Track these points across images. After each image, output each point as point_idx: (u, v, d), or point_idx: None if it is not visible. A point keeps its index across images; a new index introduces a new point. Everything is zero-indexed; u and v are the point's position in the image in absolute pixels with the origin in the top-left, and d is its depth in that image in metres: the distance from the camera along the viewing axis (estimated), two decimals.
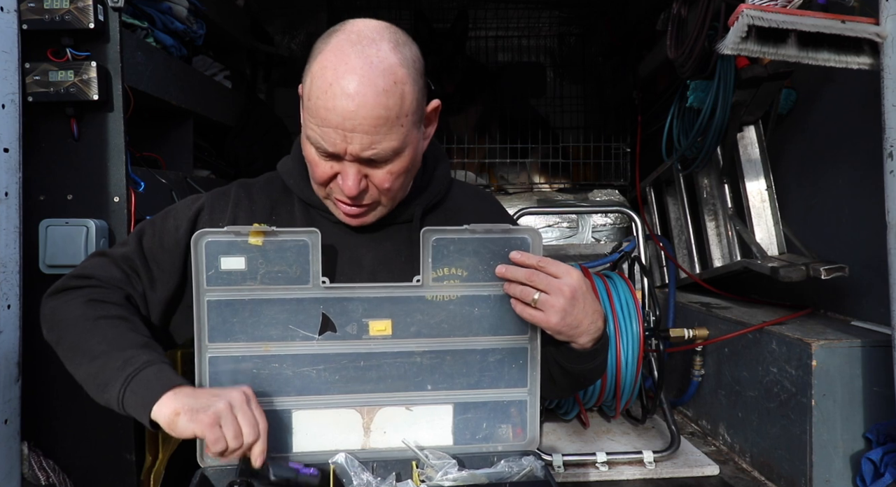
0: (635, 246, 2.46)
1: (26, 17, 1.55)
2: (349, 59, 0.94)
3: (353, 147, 0.96)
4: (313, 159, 1.02)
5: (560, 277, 0.98)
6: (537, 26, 4.24)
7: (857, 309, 1.99)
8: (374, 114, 0.94)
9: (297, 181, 1.14)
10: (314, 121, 0.97)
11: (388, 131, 0.96)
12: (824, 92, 2.11)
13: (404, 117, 0.98)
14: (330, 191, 1.05)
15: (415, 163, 1.06)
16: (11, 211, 1.51)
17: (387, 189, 1.02)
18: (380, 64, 0.95)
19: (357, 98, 0.93)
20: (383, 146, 0.97)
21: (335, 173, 1.01)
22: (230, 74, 2.88)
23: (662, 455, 2.02)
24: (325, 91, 0.94)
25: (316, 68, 0.97)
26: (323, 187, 1.05)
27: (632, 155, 3.50)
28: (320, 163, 1.01)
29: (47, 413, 1.63)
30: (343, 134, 0.95)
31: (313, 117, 0.97)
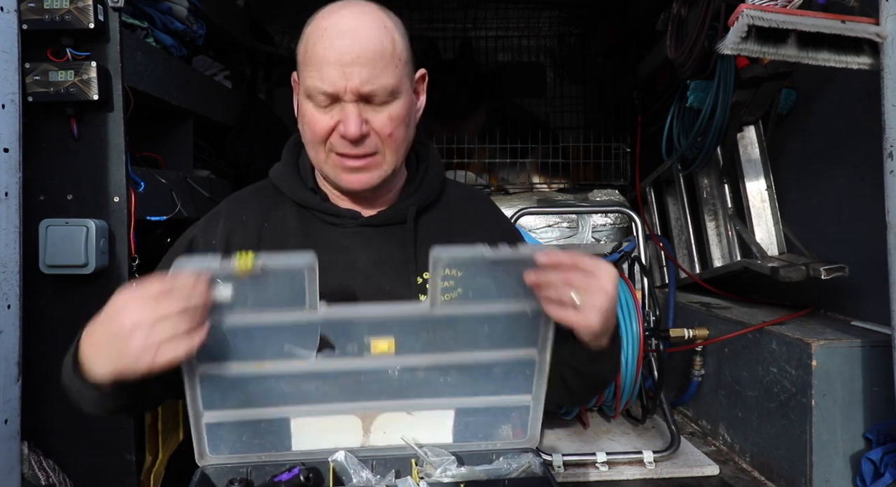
0: (635, 246, 2.46)
1: (26, 17, 1.55)
2: (340, 11, 1.01)
3: (353, 82, 0.97)
4: (312, 116, 1.02)
5: (598, 275, 0.89)
6: (537, 26, 4.24)
7: (857, 309, 1.99)
8: (370, 47, 0.98)
9: (290, 183, 1.13)
10: (313, 66, 0.99)
11: (384, 66, 0.99)
12: (824, 92, 2.11)
13: (398, 60, 1.02)
14: (332, 146, 1.03)
15: (411, 120, 1.07)
16: (11, 211, 1.51)
17: (388, 135, 1.02)
18: (370, 13, 1.02)
19: (353, 33, 0.97)
20: (382, 82, 0.99)
21: (335, 123, 1.01)
22: (230, 74, 2.88)
23: (662, 455, 2.02)
24: (321, 35, 0.99)
25: (309, 30, 1.02)
26: (323, 146, 1.03)
27: (632, 155, 3.50)
28: (319, 118, 1.01)
29: (47, 413, 1.63)
30: (342, 69, 0.97)
31: (311, 64, 0.99)
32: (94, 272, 1.59)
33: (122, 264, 1.65)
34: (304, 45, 1.02)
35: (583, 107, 4.23)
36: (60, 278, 1.62)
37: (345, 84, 0.97)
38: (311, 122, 1.02)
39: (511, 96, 4.26)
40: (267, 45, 3.75)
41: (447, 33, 4.12)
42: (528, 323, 0.98)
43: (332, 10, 1.02)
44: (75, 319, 1.64)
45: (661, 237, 3.08)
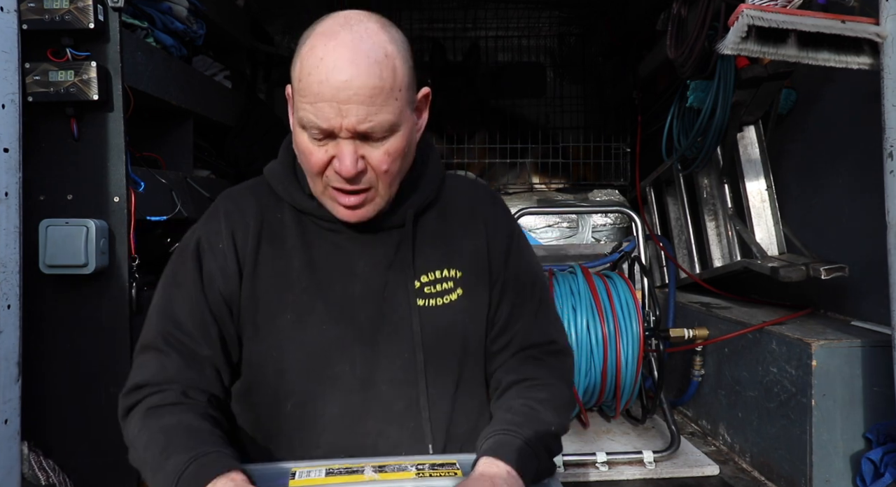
0: (635, 246, 2.46)
1: (26, 17, 1.55)
2: (339, 36, 0.93)
3: (349, 120, 0.92)
4: (307, 147, 0.97)
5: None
6: (537, 26, 4.24)
7: (857, 309, 1.99)
8: (368, 84, 0.92)
9: (286, 187, 1.10)
10: (307, 99, 0.94)
11: (383, 103, 0.93)
12: (824, 92, 2.11)
13: (398, 91, 0.95)
14: (327, 180, 1.00)
15: (410, 149, 1.03)
16: (11, 211, 1.51)
17: (384, 171, 0.98)
18: (369, 39, 0.94)
19: (350, 68, 0.91)
20: (379, 119, 0.94)
21: (330, 158, 0.97)
22: (230, 74, 2.88)
23: (662, 455, 2.02)
24: (316, 66, 0.92)
25: (305, 50, 0.95)
26: (319, 178, 1.00)
27: (632, 155, 3.50)
28: (314, 150, 0.97)
29: (47, 413, 1.63)
30: (338, 107, 0.92)
31: (305, 95, 0.94)
32: (94, 272, 1.59)
33: (122, 264, 1.65)
34: (298, 67, 0.96)
35: (583, 107, 4.23)
36: (60, 278, 1.62)
37: (340, 122, 0.92)
38: (307, 154, 0.98)
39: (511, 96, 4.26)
40: (267, 45, 3.75)
41: (447, 33, 4.13)
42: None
43: (330, 31, 0.94)
44: (75, 319, 1.65)
45: (661, 237, 3.08)
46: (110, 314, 1.65)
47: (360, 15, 0.97)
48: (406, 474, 0.93)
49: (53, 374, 1.64)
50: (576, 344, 2.03)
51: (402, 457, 0.99)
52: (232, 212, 1.10)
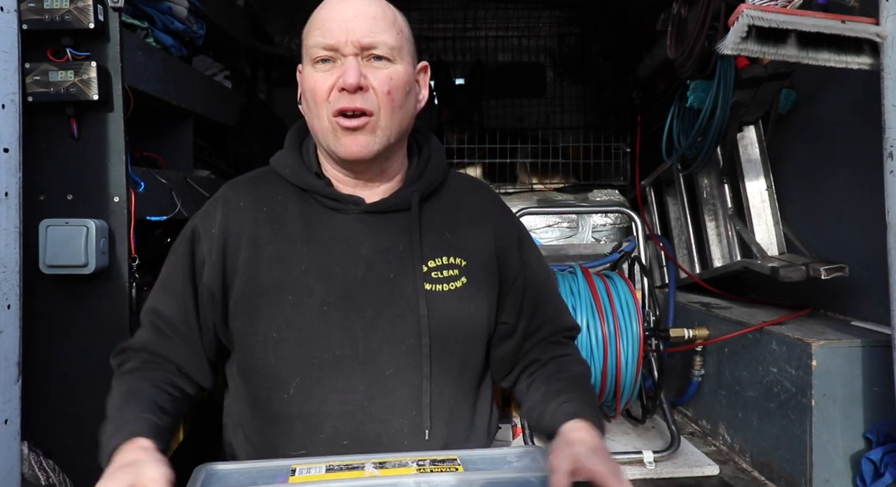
0: (635, 246, 2.46)
1: (26, 17, 1.55)
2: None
3: (354, 34, 1.00)
4: (312, 78, 1.04)
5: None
6: (537, 26, 4.24)
7: (857, 309, 1.99)
8: (372, 9, 1.03)
9: (293, 168, 1.13)
10: (316, 31, 1.03)
11: (385, 27, 1.03)
12: (824, 92, 2.11)
13: (399, 29, 1.06)
14: (331, 106, 1.03)
15: (410, 92, 1.09)
16: (11, 211, 1.51)
17: (386, 92, 1.03)
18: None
19: (356, 1, 1.03)
20: (382, 38, 1.02)
21: (335, 80, 1.02)
22: (230, 74, 2.88)
23: (662, 455, 2.02)
24: (324, 6, 1.05)
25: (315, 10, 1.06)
26: (325, 107, 1.03)
27: (632, 155, 3.50)
28: (320, 77, 1.03)
29: (47, 413, 1.63)
30: (343, 23, 1.01)
31: (314, 26, 1.04)
32: (94, 272, 1.59)
33: (122, 264, 1.65)
34: (309, 22, 1.06)
35: (583, 107, 4.23)
36: (60, 278, 1.62)
37: (346, 36, 1.00)
38: (313, 84, 1.04)
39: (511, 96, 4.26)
40: (267, 45, 3.75)
41: (447, 33, 4.12)
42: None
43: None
44: (75, 319, 1.65)
45: (661, 237, 3.08)
46: (110, 314, 1.65)
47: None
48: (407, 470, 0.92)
49: (53, 374, 1.64)
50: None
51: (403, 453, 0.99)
52: (230, 199, 1.13)
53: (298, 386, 1.05)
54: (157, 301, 1.13)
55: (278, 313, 1.05)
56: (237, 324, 1.08)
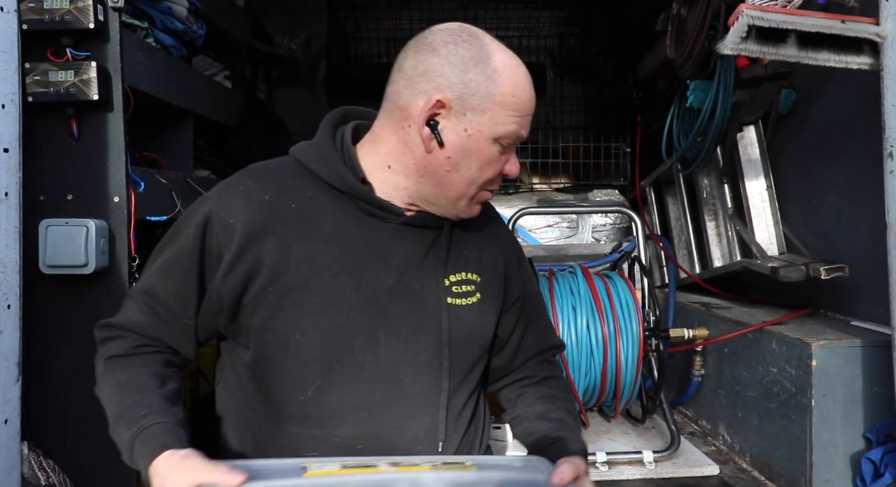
0: (635, 246, 2.46)
1: (26, 17, 1.55)
2: (511, 54, 1.05)
3: (527, 130, 1.06)
4: (495, 156, 1.05)
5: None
6: (537, 26, 4.24)
7: (857, 309, 1.99)
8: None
9: (333, 168, 1.07)
10: (517, 113, 1.03)
11: None
12: (824, 92, 2.11)
13: None
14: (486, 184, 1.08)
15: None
16: (11, 211, 1.51)
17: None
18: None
19: (531, 87, 1.05)
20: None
21: (503, 165, 1.07)
22: (230, 74, 2.88)
23: (662, 455, 2.02)
24: (515, 84, 1.02)
25: (502, 67, 1.02)
26: (476, 184, 1.07)
27: (632, 155, 3.50)
28: (498, 159, 1.06)
29: (47, 413, 1.63)
30: (528, 119, 1.05)
31: (516, 110, 1.02)
32: (94, 272, 1.59)
33: (122, 264, 1.65)
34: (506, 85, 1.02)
35: (583, 107, 4.23)
36: (60, 278, 1.62)
37: (525, 131, 1.05)
38: (490, 163, 1.05)
39: None
40: (267, 45, 3.75)
41: None
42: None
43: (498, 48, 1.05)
44: (75, 319, 1.65)
45: (661, 237, 3.08)
46: (110, 314, 1.62)
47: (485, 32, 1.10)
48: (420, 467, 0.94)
49: (53, 374, 1.64)
50: (576, 344, 2.03)
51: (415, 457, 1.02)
52: (253, 191, 1.07)
53: (317, 389, 1.05)
54: (155, 283, 1.08)
55: (304, 314, 1.04)
56: (254, 321, 1.05)
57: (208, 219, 1.05)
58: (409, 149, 1.05)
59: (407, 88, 1.03)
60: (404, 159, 1.06)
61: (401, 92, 1.04)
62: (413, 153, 1.05)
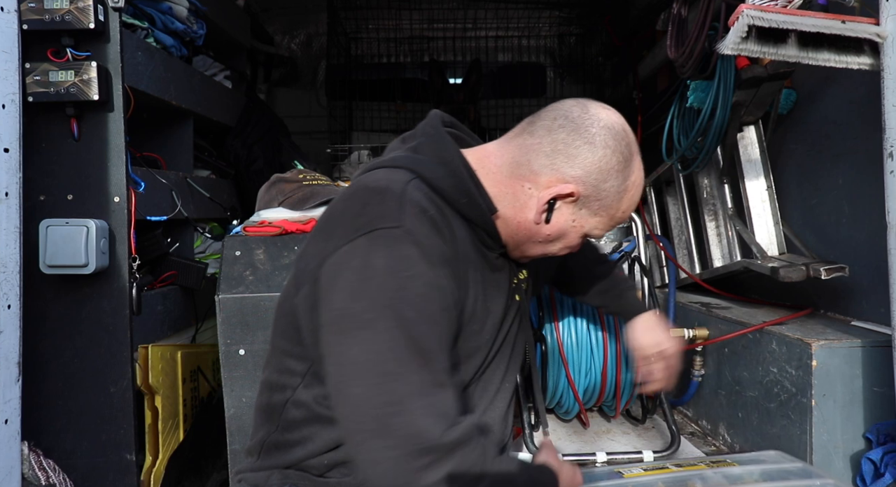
0: (635, 246, 2.46)
1: (26, 17, 1.55)
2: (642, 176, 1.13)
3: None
4: (576, 244, 1.15)
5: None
6: (537, 26, 4.24)
7: (857, 309, 1.99)
8: None
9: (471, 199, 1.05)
10: (613, 221, 1.12)
11: None
12: (824, 92, 2.11)
13: None
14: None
15: None
16: (11, 211, 1.51)
17: None
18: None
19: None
20: None
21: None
22: (230, 74, 2.88)
23: (662, 455, 2.02)
24: (632, 205, 1.12)
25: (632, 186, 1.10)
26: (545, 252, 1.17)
27: None
28: (577, 241, 1.15)
29: (47, 413, 1.63)
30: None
31: (614, 218, 1.11)
32: (94, 272, 1.59)
33: (122, 264, 1.65)
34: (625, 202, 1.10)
35: None
36: (60, 278, 1.62)
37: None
38: (568, 245, 1.15)
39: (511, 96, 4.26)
40: (267, 45, 3.75)
41: (447, 33, 4.13)
42: None
43: (640, 162, 1.11)
44: (75, 319, 1.65)
45: (661, 237, 3.08)
46: (110, 314, 1.66)
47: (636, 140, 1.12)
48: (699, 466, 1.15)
49: (53, 374, 1.64)
50: (576, 344, 2.03)
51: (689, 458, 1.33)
52: (434, 217, 1.00)
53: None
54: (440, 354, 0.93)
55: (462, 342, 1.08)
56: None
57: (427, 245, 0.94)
58: (520, 206, 1.09)
59: (548, 158, 1.05)
60: (509, 212, 1.10)
61: (539, 154, 1.06)
62: (520, 212, 1.10)
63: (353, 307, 0.88)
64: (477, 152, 1.12)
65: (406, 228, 0.92)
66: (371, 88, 4.14)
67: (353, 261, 0.90)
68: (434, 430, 0.84)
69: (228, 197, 2.66)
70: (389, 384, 0.85)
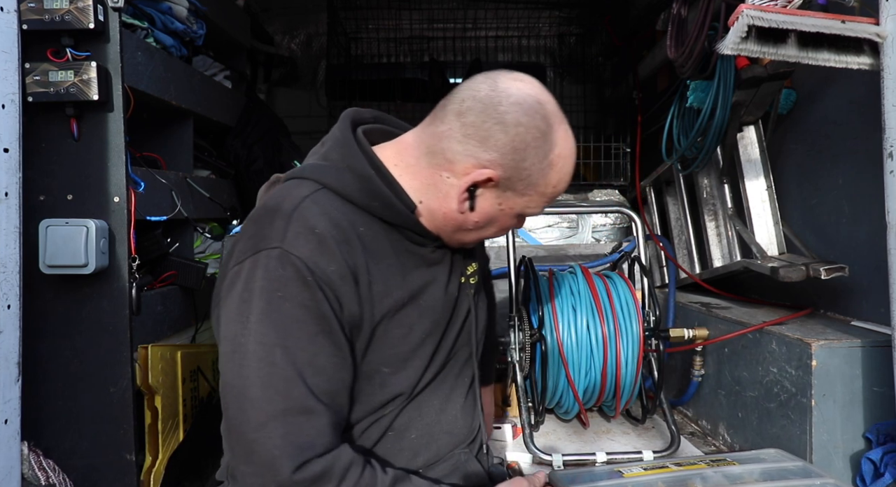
0: (635, 247, 2.46)
1: (26, 17, 1.55)
2: (570, 147, 1.09)
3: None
4: (511, 224, 1.10)
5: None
6: (537, 26, 4.24)
7: (857, 309, 1.99)
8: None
9: (384, 202, 1.03)
10: (544, 199, 1.06)
11: None
12: (824, 92, 2.11)
13: None
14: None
15: None
16: (11, 211, 1.51)
17: None
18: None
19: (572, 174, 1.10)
20: None
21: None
22: (230, 74, 2.88)
23: (662, 455, 2.02)
24: (561, 178, 1.07)
25: (557, 161, 1.05)
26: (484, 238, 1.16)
27: (632, 155, 3.50)
28: (514, 225, 1.12)
29: (47, 413, 1.63)
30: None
31: (545, 195, 1.06)
32: (94, 272, 1.59)
33: (122, 264, 1.65)
34: (553, 176, 1.05)
35: (583, 107, 4.23)
36: (60, 278, 1.62)
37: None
38: (503, 226, 1.11)
39: None
40: (267, 45, 3.75)
41: (447, 33, 4.13)
42: None
43: (565, 132, 1.07)
44: (75, 319, 1.65)
45: (661, 237, 3.08)
46: (110, 314, 1.65)
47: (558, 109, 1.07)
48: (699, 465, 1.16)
49: (53, 374, 1.64)
50: (576, 344, 2.03)
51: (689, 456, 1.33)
52: (329, 231, 0.98)
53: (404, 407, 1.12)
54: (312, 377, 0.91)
55: (386, 349, 1.06)
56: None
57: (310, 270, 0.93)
58: (442, 197, 1.04)
59: (461, 144, 0.99)
60: (433, 204, 1.06)
61: (452, 141, 0.99)
62: (443, 202, 1.04)
63: (232, 329, 0.89)
64: (397, 145, 1.08)
65: (284, 249, 0.92)
66: (371, 88, 4.14)
67: (238, 284, 0.91)
68: (286, 465, 0.84)
69: (228, 197, 2.66)
70: (253, 410, 0.85)
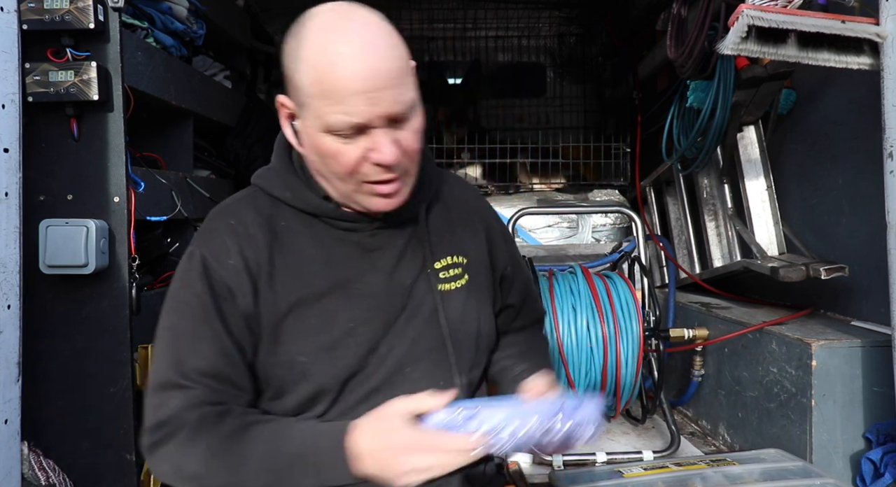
0: (635, 247, 2.46)
1: (26, 17, 1.55)
2: (347, 26, 0.90)
3: (382, 107, 0.90)
4: (335, 149, 0.93)
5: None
6: (537, 26, 4.24)
7: (857, 309, 1.99)
8: (393, 65, 0.90)
9: (295, 192, 1.05)
10: (332, 100, 0.89)
11: (404, 81, 0.93)
12: (824, 92, 2.11)
13: (410, 66, 0.95)
14: (361, 176, 0.96)
15: (423, 128, 1.02)
16: (11, 211, 1.51)
17: (415, 150, 0.97)
18: (375, 23, 0.92)
19: (371, 54, 0.88)
20: (406, 98, 0.93)
21: (364, 152, 0.93)
22: (230, 74, 2.88)
23: (662, 455, 2.02)
24: (335, 63, 0.88)
25: (312, 53, 0.90)
26: (351, 178, 0.96)
27: (632, 155, 3.50)
28: (345, 151, 0.93)
29: (47, 413, 1.63)
30: (368, 96, 0.89)
31: (330, 96, 0.89)
32: (94, 272, 1.59)
33: (122, 264, 1.65)
34: (309, 72, 0.90)
35: (583, 107, 4.23)
36: (60, 278, 1.62)
37: (373, 111, 0.89)
38: (337, 156, 0.94)
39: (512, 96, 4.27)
40: (267, 45, 3.75)
41: (447, 33, 4.13)
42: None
43: (333, 26, 0.90)
44: (75, 319, 1.65)
45: (661, 237, 3.08)
46: (110, 314, 1.65)
47: (345, 5, 0.94)
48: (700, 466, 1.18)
49: (53, 374, 1.64)
50: (576, 344, 2.03)
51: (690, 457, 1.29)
52: (234, 227, 1.04)
53: (333, 406, 1.04)
54: (188, 359, 0.98)
55: (304, 338, 1.02)
56: (262, 354, 1.03)
57: (206, 265, 1.00)
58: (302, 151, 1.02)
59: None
60: (307, 162, 1.04)
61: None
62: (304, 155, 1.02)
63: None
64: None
65: (196, 246, 1.04)
66: None
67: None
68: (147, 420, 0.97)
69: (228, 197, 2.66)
70: (151, 375, 1.01)
